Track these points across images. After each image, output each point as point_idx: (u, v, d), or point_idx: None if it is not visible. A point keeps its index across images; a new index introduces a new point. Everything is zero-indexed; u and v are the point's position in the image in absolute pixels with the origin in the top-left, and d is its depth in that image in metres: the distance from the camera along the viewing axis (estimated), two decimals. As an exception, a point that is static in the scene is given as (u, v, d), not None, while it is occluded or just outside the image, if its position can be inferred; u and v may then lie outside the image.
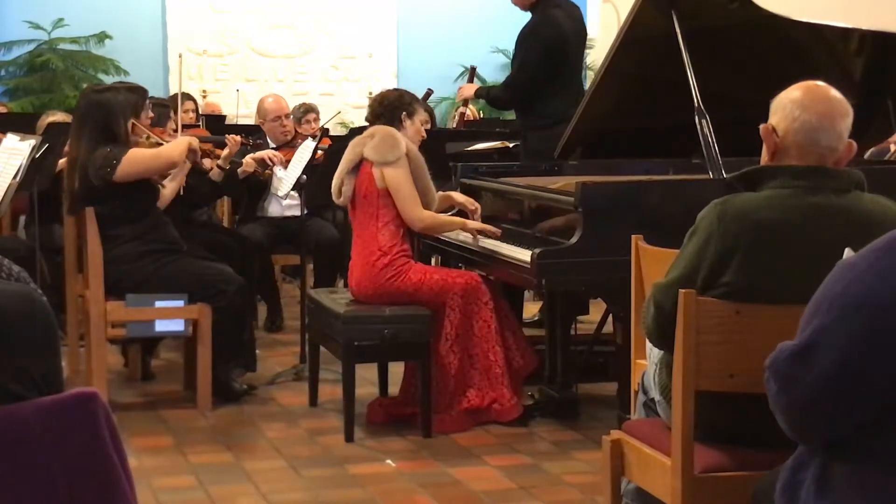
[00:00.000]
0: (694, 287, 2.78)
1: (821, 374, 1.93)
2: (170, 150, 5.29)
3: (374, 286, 4.84)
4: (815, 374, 1.93)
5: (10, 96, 10.87)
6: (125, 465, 1.90)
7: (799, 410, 1.98)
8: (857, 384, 1.90)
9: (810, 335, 1.95)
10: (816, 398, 1.94)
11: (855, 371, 1.90)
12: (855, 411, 1.92)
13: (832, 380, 1.92)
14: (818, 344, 1.94)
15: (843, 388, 1.91)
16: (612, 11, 10.68)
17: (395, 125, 4.94)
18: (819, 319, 1.95)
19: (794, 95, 2.86)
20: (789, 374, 1.97)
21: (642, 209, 4.40)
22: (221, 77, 11.44)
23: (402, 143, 4.86)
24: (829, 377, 1.92)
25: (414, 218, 4.88)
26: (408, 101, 5.01)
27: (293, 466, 4.41)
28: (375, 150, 4.86)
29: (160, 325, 5.13)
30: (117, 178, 5.07)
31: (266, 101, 7.09)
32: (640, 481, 3.08)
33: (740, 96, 4.63)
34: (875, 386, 1.89)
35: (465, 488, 4.16)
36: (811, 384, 1.94)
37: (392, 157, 4.83)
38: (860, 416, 1.92)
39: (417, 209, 4.87)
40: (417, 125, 5.01)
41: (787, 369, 1.98)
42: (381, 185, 4.85)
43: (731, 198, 2.85)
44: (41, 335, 1.85)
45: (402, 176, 4.84)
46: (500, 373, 4.83)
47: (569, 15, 6.18)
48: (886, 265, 1.89)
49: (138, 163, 5.12)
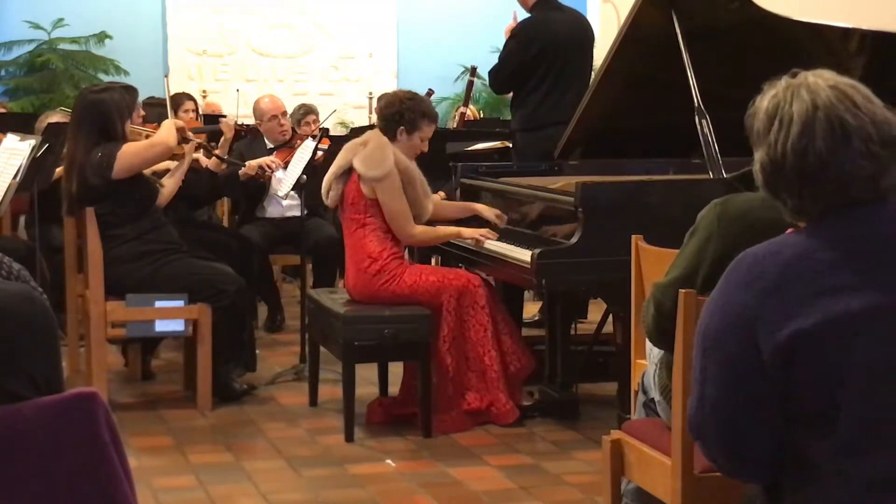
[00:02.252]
0: (694, 287, 2.78)
1: (716, 409, 1.99)
2: (161, 136, 5.27)
3: (369, 292, 4.83)
4: (713, 411, 1.99)
5: (10, 96, 10.88)
6: (125, 465, 1.90)
7: (723, 454, 2.04)
8: (747, 403, 1.95)
9: (697, 382, 2.05)
10: (724, 432, 2.00)
11: (741, 392, 1.96)
12: (762, 429, 1.96)
13: (727, 409, 1.98)
14: (704, 384, 2.01)
15: (739, 412, 1.97)
16: (612, 11, 10.68)
17: (389, 136, 4.88)
18: (698, 362, 2.03)
19: (794, 95, 2.86)
20: (700, 425, 2.05)
21: (642, 209, 4.40)
22: (221, 77, 11.44)
23: (391, 157, 4.78)
24: (724, 407, 1.98)
25: (406, 235, 4.86)
26: (410, 118, 4.85)
27: (293, 466, 4.41)
28: (363, 164, 4.80)
29: (160, 325, 5.13)
30: (116, 175, 5.07)
31: (262, 101, 7.09)
32: (639, 481, 3.09)
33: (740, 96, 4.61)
34: (765, 397, 1.93)
35: (465, 488, 4.16)
36: (716, 422, 1.99)
37: (377, 174, 4.76)
38: (769, 432, 1.96)
39: (409, 226, 4.84)
40: (416, 141, 4.90)
41: (696, 421, 2.05)
42: (370, 195, 4.82)
43: (731, 198, 2.85)
44: (41, 335, 1.85)
45: (392, 193, 4.78)
46: (496, 377, 4.81)
47: (567, 20, 6.16)
48: (731, 287, 1.98)
49: (135, 155, 5.13)
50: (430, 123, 4.95)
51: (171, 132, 5.28)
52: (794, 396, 1.92)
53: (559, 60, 6.04)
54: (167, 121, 5.50)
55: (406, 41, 11.75)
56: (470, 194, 5.47)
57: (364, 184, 4.81)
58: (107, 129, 5.16)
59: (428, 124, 4.93)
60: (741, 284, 1.96)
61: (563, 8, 6.22)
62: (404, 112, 4.86)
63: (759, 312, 1.92)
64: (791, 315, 1.90)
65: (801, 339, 1.89)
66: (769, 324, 1.91)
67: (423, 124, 4.90)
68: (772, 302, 1.92)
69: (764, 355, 1.92)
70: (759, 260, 1.97)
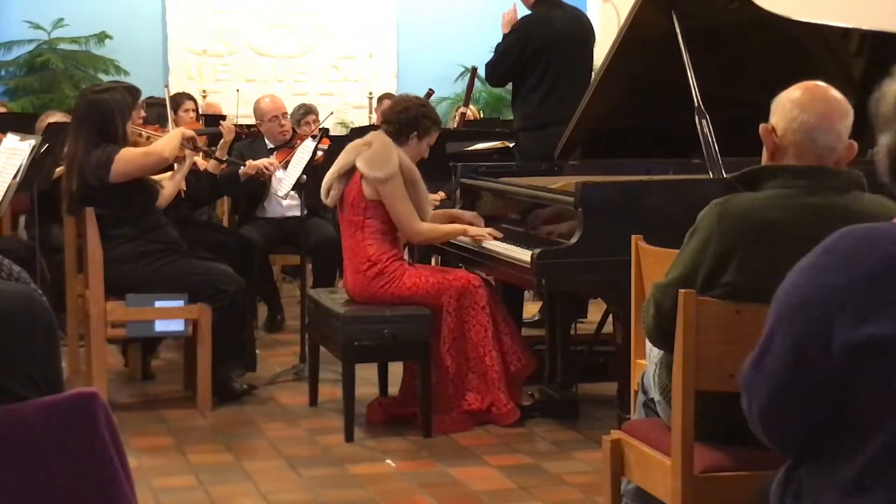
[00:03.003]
0: (694, 287, 2.78)
1: (772, 379, 1.94)
2: (161, 146, 5.27)
3: (368, 294, 4.83)
4: (767, 379, 1.95)
5: (10, 96, 10.88)
6: (125, 465, 1.90)
7: (762, 418, 1.99)
8: (804, 389, 1.91)
9: (761, 342, 1.97)
10: (772, 403, 1.96)
11: (800, 375, 1.91)
12: (808, 413, 1.93)
13: (781, 382, 1.93)
14: (768, 349, 1.95)
15: (792, 390, 1.92)
16: (612, 11, 10.68)
17: (398, 139, 4.90)
18: (768, 325, 1.96)
19: (794, 95, 2.86)
20: (750, 384, 1.99)
21: (642, 209, 4.40)
22: (221, 77, 11.44)
23: (396, 158, 4.80)
24: (778, 380, 1.93)
25: (413, 232, 4.87)
26: (426, 125, 4.91)
27: (293, 466, 4.41)
28: (367, 164, 4.81)
29: (160, 325, 5.13)
30: (112, 179, 5.07)
31: (262, 101, 7.09)
32: (639, 481, 3.08)
33: (740, 96, 4.63)
34: (821, 386, 1.89)
35: (465, 488, 4.16)
36: (766, 390, 1.95)
37: (382, 175, 4.77)
38: (815, 417, 1.92)
39: (416, 223, 4.85)
40: (423, 147, 4.96)
41: (748, 379, 1.99)
42: (371, 196, 4.82)
43: (731, 197, 2.85)
44: (41, 335, 1.85)
45: (396, 192, 4.80)
46: (497, 377, 4.81)
47: (568, 18, 6.16)
48: (824, 265, 1.89)
49: (129, 162, 5.11)
50: (438, 130, 5.06)
51: (173, 145, 5.27)
52: (846, 396, 1.85)
53: (560, 58, 6.04)
54: (176, 130, 5.50)
55: (406, 41, 11.75)
56: (470, 194, 5.46)
57: (367, 184, 4.81)
58: (107, 129, 5.15)
59: (436, 131, 5.03)
60: (833, 265, 1.86)
61: (564, 6, 6.22)
62: (420, 118, 4.91)
63: (843, 299, 1.82)
64: (871, 315, 1.81)
65: (874, 347, 1.80)
66: (849, 316, 1.82)
67: (433, 131, 4.99)
68: (858, 293, 1.82)
69: (833, 345, 1.83)
70: (857, 244, 1.87)
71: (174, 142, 5.29)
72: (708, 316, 2.76)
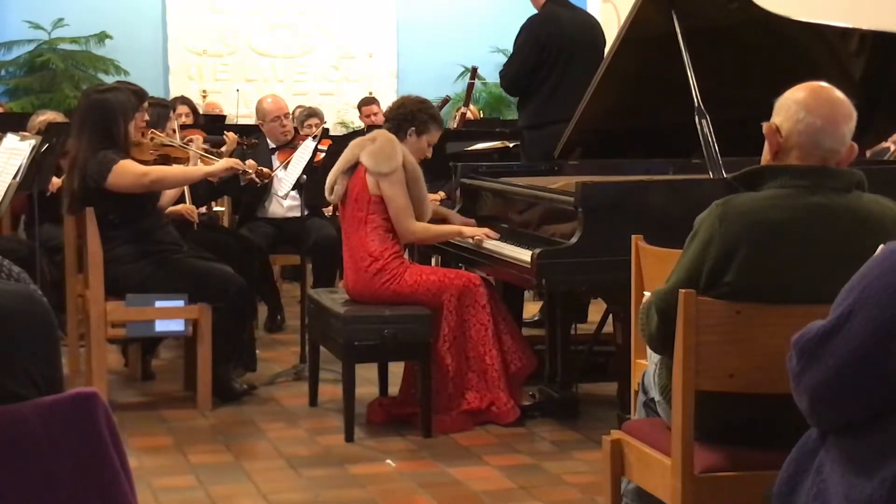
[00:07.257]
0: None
1: (842, 356, 1.93)
2: (160, 173, 5.21)
3: (369, 291, 4.83)
4: (836, 354, 1.93)
5: (10, 96, 10.89)
6: (125, 465, 1.90)
7: (817, 390, 1.98)
8: (873, 371, 1.90)
9: (839, 315, 1.95)
10: (834, 379, 1.95)
11: (874, 358, 1.90)
12: (869, 397, 1.92)
13: (851, 364, 1.92)
14: (845, 326, 1.94)
15: (860, 373, 1.91)
16: (612, 11, 10.68)
17: (399, 135, 4.92)
18: (852, 301, 1.95)
19: (799, 96, 2.84)
20: (815, 352, 1.97)
21: (642, 209, 4.40)
22: (221, 77, 11.45)
23: (400, 153, 4.82)
24: (848, 361, 1.92)
25: (406, 230, 4.87)
26: (423, 120, 4.93)
27: (293, 466, 4.41)
28: (371, 158, 4.83)
29: (160, 325, 5.12)
30: (108, 187, 5.04)
31: (265, 101, 7.09)
32: (640, 481, 3.08)
33: (740, 96, 4.64)
34: (891, 375, 1.88)
35: (465, 488, 4.16)
36: (832, 365, 1.94)
37: (386, 169, 4.79)
38: (873, 402, 1.92)
39: (410, 222, 4.85)
40: (423, 144, 4.96)
41: (813, 347, 1.98)
42: (374, 191, 4.83)
43: (732, 198, 2.84)
44: (41, 335, 1.85)
45: (397, 188, 4.81)
46: (497, 376, 4.81)
47: (576, 19, 6.17)
48: None
49: (122, 175, 5.03)
50: (438, 129, 5.05)
51: (174, 175, 5.29)
52: None
53: (566, 57, 6.06)
54: (227, 160, 5.52)
55: (406, 41, 11.75)
56: (470, 194, 5.47)
57: (371, 178, 4.82)
58: (109, 130, 5.13)
59: (436, 129, 5.02)
60: None
61: (573, 7, 6.23)
62: (416, 113, 4.93)
63: None
64: None
65: None
66: None
67: (432, 128, 4.98)
68: None
69: None
70: None
71: (187, 176, 5.34)
72: (708, 316, 2.75)
